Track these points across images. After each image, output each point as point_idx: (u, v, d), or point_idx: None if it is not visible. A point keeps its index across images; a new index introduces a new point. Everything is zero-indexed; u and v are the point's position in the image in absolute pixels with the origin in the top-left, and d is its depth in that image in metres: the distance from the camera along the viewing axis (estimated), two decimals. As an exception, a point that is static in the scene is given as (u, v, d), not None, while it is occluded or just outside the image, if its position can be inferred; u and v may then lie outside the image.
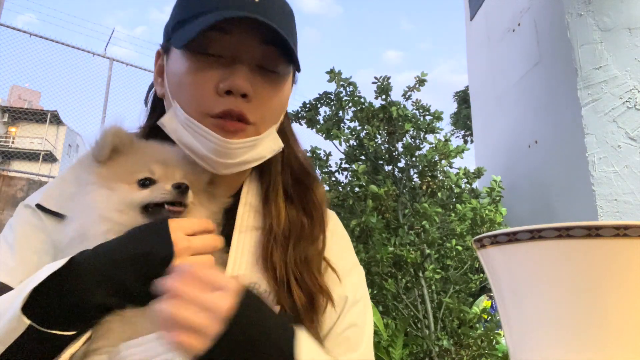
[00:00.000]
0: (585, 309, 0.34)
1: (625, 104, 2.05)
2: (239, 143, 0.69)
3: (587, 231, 0.33)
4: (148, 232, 0.63)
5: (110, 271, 0.59)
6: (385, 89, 2.55)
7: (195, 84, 0.70)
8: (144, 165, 0.70)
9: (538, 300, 0.36)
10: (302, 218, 0.78)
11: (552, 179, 2.41)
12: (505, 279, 0.39)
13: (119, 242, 0.62)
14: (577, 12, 2.15)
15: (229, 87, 0.68)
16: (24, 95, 20.29)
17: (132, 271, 0.59)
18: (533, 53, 2.59)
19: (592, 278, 0.34)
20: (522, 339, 0.38)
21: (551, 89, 2.41)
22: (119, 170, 0.70)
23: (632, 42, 2.09)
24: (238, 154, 0.70)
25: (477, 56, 3.57)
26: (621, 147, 2.02)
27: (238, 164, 0.71)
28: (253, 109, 0.70)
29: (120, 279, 0.59)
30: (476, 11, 3.53)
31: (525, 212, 2.68)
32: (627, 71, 2.07)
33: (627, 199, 1.97)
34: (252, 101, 0.69)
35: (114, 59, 7.35)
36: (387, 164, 2.56)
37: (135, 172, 0.69)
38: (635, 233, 0.33)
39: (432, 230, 2.23)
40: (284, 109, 0.79)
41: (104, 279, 0.59)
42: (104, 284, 0.59)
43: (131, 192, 0.67)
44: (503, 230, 0.37)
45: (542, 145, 2.54)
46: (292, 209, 0.78)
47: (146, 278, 0.58)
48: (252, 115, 0.70)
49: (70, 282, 0.58)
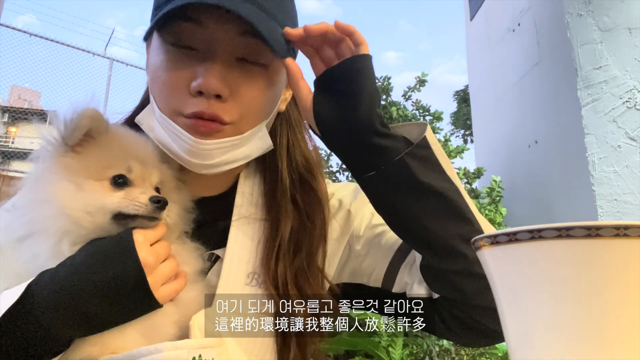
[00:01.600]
0: (585, 309, 0.34)
1: (625, 104, 2.04)
2: (214, 144, 0.65)
3: (587, 231, 0.33)
4: (113, 250, 0.57)
5: (75, 304, 0.53)
6: (385, 89, 2.55)
7: (168, 81, 0.65)
8: (120, 160, 0.62)
9: (538, 300, 0.36)
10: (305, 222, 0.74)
11: (552, 179, 2.41)
12: (505, 279, 0.39)
13: (81, 264, 0.56)
14: (577, 12, 2.15)
15: (200, 87, 0.62)
16: (24, 95, 20.26)
17: (99, 301, 0.54)
18: (533, 53, 2.58)
19: (592, 278, 0.34)
20: (522, 339, 0.38)
21: (551, 89, 2.40)
22: (90, 162, 0.62)
23: (632, 42, 2.08)
24: (214, 154, 0.66)
25: (477, 56, 3.56)
26: (621, 147, 2.01)
27: (217, 164, 0.67)
28: (229, 109, 0.65)
29: (88, 311, 0.54)
30: (476, 11, 3.52)
31: (525, 212, 2.67)
32: (627, 71, 2.07)
33: (627, 199, 1.97)
34: (228, 101, 0.64)
35: (114, 59, 7.35)
36: (387, 164, 2.56)
37: (108, 166, 0.62)
38: (635, 233, 0.33)
39: (432, 230, 2.22)
40: (273, 102, 0.72)
41: (70, 313, 0.53)
42: (70, 319, 0.53)
43: (103, 193, 0.60)
44: (503, 230, 0.37)
45: (542, 145, 2.53)
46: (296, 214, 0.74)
47: (116, 305, 0.55)
48: (228, 116, 0.65)
49: (31, 319, 0.52)
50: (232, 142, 0.66)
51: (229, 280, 0.68)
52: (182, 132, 0.64)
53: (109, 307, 0.55)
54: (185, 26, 0.63)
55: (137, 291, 0.56)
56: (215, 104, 0.64)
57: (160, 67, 0.66)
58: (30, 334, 0.53)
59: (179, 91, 0.64)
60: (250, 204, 0.75)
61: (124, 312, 0.56)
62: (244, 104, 0.66)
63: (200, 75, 0.63)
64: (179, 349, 0.56)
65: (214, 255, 0.72)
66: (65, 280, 0.54)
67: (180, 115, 0.65)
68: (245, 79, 0.66)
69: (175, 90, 0.65)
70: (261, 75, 0.67)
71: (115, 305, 0.55)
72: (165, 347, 0.55)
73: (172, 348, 0.56)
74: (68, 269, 0.56)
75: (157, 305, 0.58)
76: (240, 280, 0.69)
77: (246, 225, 0.73)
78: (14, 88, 19.61)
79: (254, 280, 0.69)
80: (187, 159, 0.65)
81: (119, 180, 0.61)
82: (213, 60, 0.63)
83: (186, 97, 0.64)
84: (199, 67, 0.63)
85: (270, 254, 0.70)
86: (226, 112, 0.64)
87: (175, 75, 0.65)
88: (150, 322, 0.58)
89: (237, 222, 0.72)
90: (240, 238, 0.71)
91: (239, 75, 0.65)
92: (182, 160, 0.66)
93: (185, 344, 0.57)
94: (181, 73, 0.64)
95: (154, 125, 0.67)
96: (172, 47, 0.65)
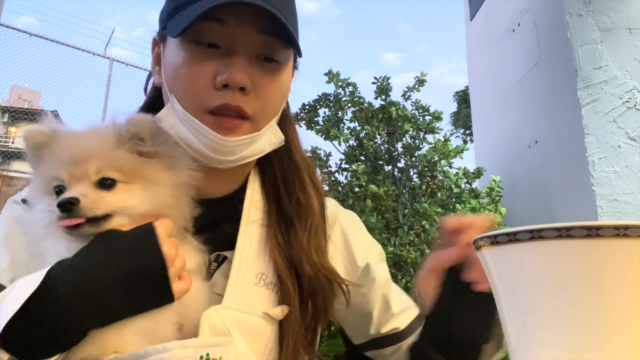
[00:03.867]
0: (585, 309, 0.34)
1: (625, 104, 2.04)
2: (237, 141, 0.68)
3: (587, 231, 0.33)
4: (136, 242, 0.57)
5: (96, 296, 0.53)
6: (384, 89, 2.55)
7: (192, 77, 0.67)
8: (56, 168, 0.59)
9: (538, 300, 0.36)
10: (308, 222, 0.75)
11: (552, 179, 2.41)
12: (505, 279, 0.39)
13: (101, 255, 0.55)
14: (577, 12, 2.15)
15: (226, 80, 0.65)
16: (24, 95, 20.26)
17: (121, 293, 0.54)
18: (533, 53, 2.58)
19: (592, 278, 0.34)
20: (522, 339, 0.38)
21: (551, 89, 2.40)
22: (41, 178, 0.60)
23: (632, 42, 2.08)
24: (236, 151, 0.68)
25: (477, 56, 3.57)
26: (621, 147, 2.01)
27: (236, 160, 0.70)
28: (251, 102, 0.67)
29: (109, 304, 0.54)
30: (476, 11, 3.53)
31: (525, 212, 2.67)
32: (627, 71, 2.07)
33: (627, 199, 1.97)
34: (250, 94, 0.67)
35: (114, 59, 7.35)
36: (387, 164, 2.56)
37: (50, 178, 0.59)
38: (635, 233, 0.33)
39: (432, 230, 2.22)
40: (284, 99, 0.76)
41: (90, 305, 0.53)
42: (90, 311, 0.53)
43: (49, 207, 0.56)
44: (503, 231, 0.37)
45: (542, 145, 2.53)
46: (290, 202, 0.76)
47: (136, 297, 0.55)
48: (250, 109, 0.67)
49: (50, 309, 0.51)
50: (251, 139, 0.69)
51: (237, 281, 0.68)
52: (207, 130, 0.66)
53: (129, 299, 0.55)
54: (207, 25, 0.66)
55: (158, 284, 0.56)
56: (240, 97, 0.66)
57: (182, 65, 0.67)
58: (47, 326, 0.52)
59: (204, 86, 0.66)
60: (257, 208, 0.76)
61: (142, 304, 0.56)
62: (263, 98, 0.69)
63: (225, 70, 0.65)
64: (187, 348, 0.56)
65: (221, 256, 0.72)
66: (87, 271, 0.54)
67: (205, 111, 0.67)
68: (264, 75, 0.69)
69: (199, 86, 0.66)
70: (276, 72, 0.70)
71: (135, 297, 0.55)
72: (173, 346, 0.55)
73: (180, 347, 0.56)
74: (89, 259, 0.55)
75: (171, 299, 0.58)
76: (249, 280, 0.69)
77: (255, 228, 0.74)
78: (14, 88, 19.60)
79: (261, 281, 0.70)
80: (211, 155, 0.67)
81: (57, 190, 0.59)
82: (236, 56, 0.66)
83: (211, 92, 0.66)
84: (222, 63, 0.66)
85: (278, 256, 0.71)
86: (249, 105, 0.67)
87: (199, 71, 0.66)
88: (146, 321, 0.57)
89: (246, 224, 0.73)
90: (249, 240, 0.72)
91: (259, 71, 0.68)
92: (204, 155, 0.68)
93: (192, 343, 0.57)
94: (205, 69, 0.66)
95: (174, 122, 0.68)
96: (194, 44, 0.67)
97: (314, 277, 0.71)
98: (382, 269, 0.82)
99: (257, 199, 0.77)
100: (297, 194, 0.76)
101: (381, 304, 0.80)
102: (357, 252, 0.80)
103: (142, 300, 0.56)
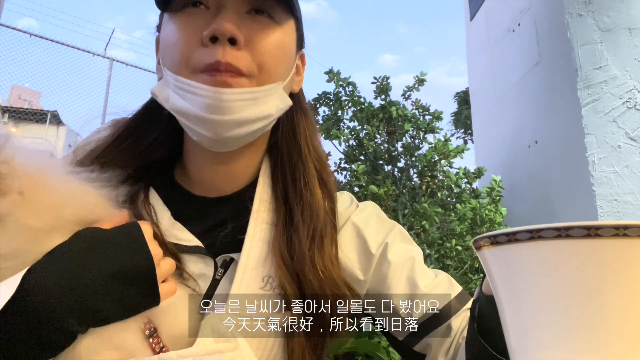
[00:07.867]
0: (584, 309, 0.34)
1: (625, 104, 2.04)
2: (234, 94, 0.60)
3: (586, 231, 0.33)
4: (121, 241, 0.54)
5: (80, 298, 0.49)
6: (384, 88, 2.55)
7: (180, 40, 0.63)
8: None
9: (537, 300, 0.36)
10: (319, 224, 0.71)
11: (552, 179, 2.41)
12: (504, 279, 0.39)
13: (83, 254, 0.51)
14: (577, 12, 2.15)
15: (213, 31, 0.60)
16: (24, 96, 20.25)
17: (108, 296, 0.51)
18: (533, 53, 2.58)
19: (591, 278, 0.34)
20: (522, 339, 0.38)
21: (551, 89, 2.40)
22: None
23: (632, 42, 2.08)
24: (234, 107, 0.61)
25: (477, 56, 3.57)
26: (621, 147, 2.01)
27: (238, 121, 0.62)
28: (244, 58, 0.62)
29: (94, 306, 0.50)
30: (476, 11, 3.53)
31: (525, 212, 2.67)
32: (627, 71, 2.07)
33: (627, 199, 1.97)
34: (243, 49, 0.62)
35: (114, 59, 7.36)
36: (387, 164, 2.56)
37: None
38: (635, 233, 0.33)
39: (432, 230, 2.23)
40: (285, 62, 0.68)
41: (73, 308, 0.49)
42: (74, 314, 0.49)
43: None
44: (502, 231, 0.37)
45: (542, 145, 2.53)
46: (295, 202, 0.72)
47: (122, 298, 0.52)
48: (244, 65, 0.61)
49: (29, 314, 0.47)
50: (252, 94, 0.62)
51: (242, 284, 0.65)
52: (200, 86, 0.60)
53: (115, 300, 0.52)
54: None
55: (144, 285, 0.54)
56: (230, 52, 0.61)
57: (172, 32, 0.64)
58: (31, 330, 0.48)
59: (192, 46, 0.62)
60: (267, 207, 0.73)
61: (128, 306, 0.53)
62: (259, 54, 0.63)
63: (212, 22, 0.61)
64: (184, 358, 0.54)
65: (229, 258, 0.70)
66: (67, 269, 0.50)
67: (196, 71, 0.62)
68: (258, 29, 0.64)
69: (188, 47, 0.62)
70: (273, 29, 0.65)
71: (121, 297, 0.52)
72: (169, 357, 0.53)
73: (176, 357, 0.53)
74: (68, 258, 0.51)
75: (157, 302, 0.55)
76: (255, 284, 0.66)
77: (263, 228, 0.71)
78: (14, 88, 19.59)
79: (268, 284, 0.67)
80: (206, 115, 0.61)
81: None
82: (224, 10, 0.62)
83: (200, 50, 0.62)
84: (211, 20, 0.62)
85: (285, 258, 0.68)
86: (241, 61, 0.61)
87: (186, 32, 0.63)
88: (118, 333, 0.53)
89: (255, 224, 0.70)
90: (257, 241, 0.69)
91: (252, 25, 0.63)
92: (200, 120, 0.62)
93: (189, 352, 0.54)
94: (192, 29, 0.62)
95: (169, 95, 0.64)
96: (180, 12, 0.64)
97: (318, 287, 0.67)
98: (401, 249, 0.75)
99: (267, 198, 0.73)
100: (303, 194, 0.71)
101: (406, 286, 0.72)
102: (371, 240, 0.75)
103: (128, 301, 0.53)
